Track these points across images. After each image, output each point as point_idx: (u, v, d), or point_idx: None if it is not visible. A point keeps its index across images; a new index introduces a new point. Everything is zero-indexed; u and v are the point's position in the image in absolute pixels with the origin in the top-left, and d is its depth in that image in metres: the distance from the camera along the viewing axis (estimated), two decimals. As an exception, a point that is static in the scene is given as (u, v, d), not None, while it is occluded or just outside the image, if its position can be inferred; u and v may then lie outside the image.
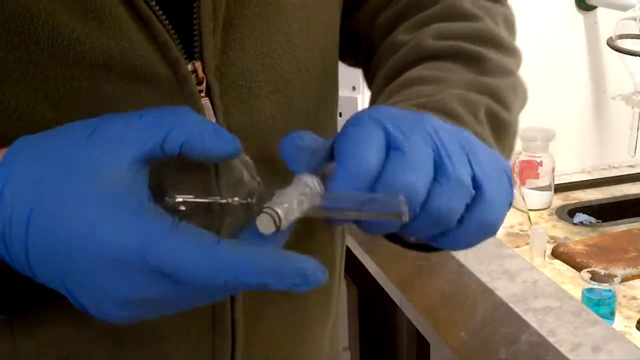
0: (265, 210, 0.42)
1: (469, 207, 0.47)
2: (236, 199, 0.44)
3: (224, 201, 0.44)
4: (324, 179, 0.46)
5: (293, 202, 0.43)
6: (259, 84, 0.57)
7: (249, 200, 0.44)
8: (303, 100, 0.61)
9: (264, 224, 0.42)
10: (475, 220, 0.47)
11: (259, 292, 0.50)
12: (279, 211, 0.42)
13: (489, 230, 0.48)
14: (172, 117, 0.43)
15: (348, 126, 0.47)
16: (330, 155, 0.47)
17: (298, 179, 0.45)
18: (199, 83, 0.54)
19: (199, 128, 0.43)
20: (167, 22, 0.52)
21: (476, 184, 0.47)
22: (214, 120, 0.55)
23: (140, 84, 0.51)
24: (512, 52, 0.64)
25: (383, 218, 0.44)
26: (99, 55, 0.50)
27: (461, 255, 1.04)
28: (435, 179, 0.46)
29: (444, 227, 0.47)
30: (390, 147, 0.46)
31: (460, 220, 0.47)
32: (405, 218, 0.43)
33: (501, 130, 0.57)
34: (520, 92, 0.62)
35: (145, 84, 0.52)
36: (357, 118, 0.47)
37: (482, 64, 0.60)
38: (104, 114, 0.48)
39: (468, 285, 0.98)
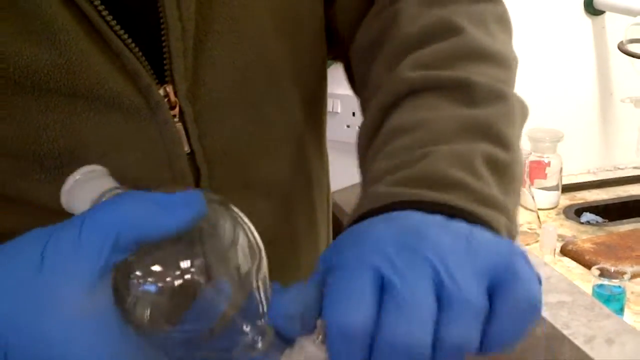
0: None
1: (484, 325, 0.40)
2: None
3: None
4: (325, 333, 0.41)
5: None
6: (234, 101, 0.55)
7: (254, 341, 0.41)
8: (279, 112, 0.58)
9: None
10: (494, 336, 0.40)
11: None
12: None
13: (515, 340, 0.41)
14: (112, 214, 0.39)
15: (333, 271, 0.41)
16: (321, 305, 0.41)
17: (298, 345, 0.41)
18: (172, 108, 0.52)
19: (145, 209, 0.39)
20: (137, 49, 0.50)
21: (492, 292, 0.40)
22: (187, 145, 0.53)
23: (112, 115, 0.50)
24: (501, 60, 0.56)
25: None
26: (65, 90, 0.48)
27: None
28: (439, 307, 0.39)
29: (463, 354, 0.40)
30: (384, 290, 0.40)
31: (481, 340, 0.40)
32: None
33: (504, 175, 0.50)
34: (517, 116, 0.54)
35: (117, 114, 0.50)
36: (344, 258, 0.41)
37: (469, 92, 0.52)
38: (80, 148, 0.48)
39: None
